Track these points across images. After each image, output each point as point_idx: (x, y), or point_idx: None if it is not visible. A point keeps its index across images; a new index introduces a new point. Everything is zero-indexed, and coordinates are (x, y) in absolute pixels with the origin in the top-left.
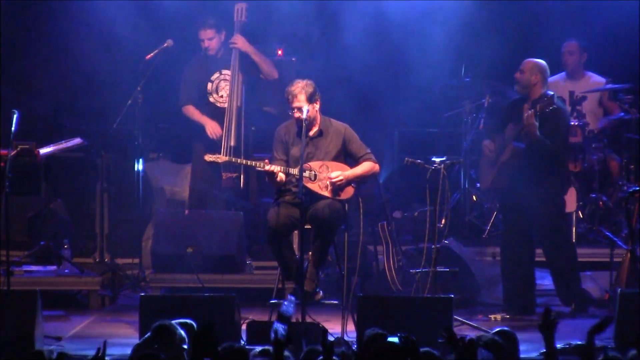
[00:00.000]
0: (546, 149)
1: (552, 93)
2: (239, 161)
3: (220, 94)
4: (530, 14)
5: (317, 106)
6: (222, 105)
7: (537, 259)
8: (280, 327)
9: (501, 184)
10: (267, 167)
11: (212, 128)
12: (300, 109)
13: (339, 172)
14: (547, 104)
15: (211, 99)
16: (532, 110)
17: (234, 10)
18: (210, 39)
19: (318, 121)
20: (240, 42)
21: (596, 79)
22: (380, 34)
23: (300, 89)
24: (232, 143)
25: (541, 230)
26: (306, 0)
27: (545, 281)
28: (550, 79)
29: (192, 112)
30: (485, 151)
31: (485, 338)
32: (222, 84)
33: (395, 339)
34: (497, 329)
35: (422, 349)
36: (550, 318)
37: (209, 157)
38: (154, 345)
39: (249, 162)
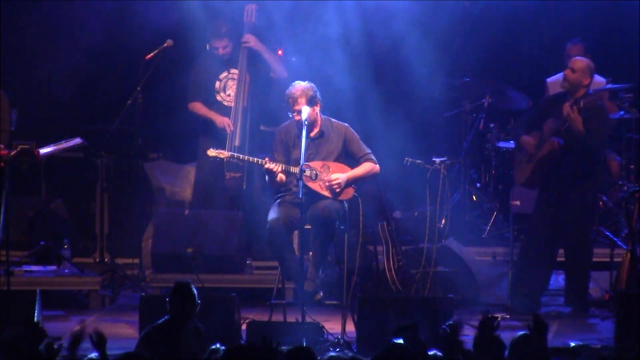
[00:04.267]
0: (589, 146)
1: (590, 91)
2: (240, 157)
3: (227, 92)
4: (531, 13)
5: (317, 108)
6: (228, 104)
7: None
8: None
9: (537, 181)
10: (266, 165)
11: (222, 120)
12: (300, 112)
13: (338, 175)
14: (593, 100)
15: (218, 98)
16: (576, 106)
17: (244, 11)
18: (225, 47)
19: (319, 123)
20: (252, 41)
21: (596, 80)
22: (380, 34)
23: (300, 92)
24: (237, 143)
25: (569, 228)
26: (306, 0)
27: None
28: (551, 79)
29: (200, 108)
30: (525, 146)
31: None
32: (230, 82)
33: (400, 340)
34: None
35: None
36: (540, 322)
37: (211, 152)
38: (172, 302)
39: (251, 159)
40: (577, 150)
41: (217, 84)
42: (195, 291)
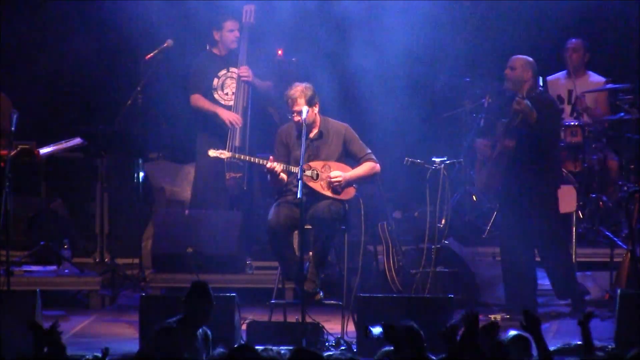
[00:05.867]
0: (541, 136)
1: (541, 88)
2: (242, 157)
3: (225, 91)
4: (531, 13)
5: (316, 109)
6: (226, 103)
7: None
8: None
9: (494, 183)
10: (268, 165)
11: (229, 117)
12: (300, 113)
13: (339, 173)
14: (541, 93)
15: (216, 96)
16: (520, 96)
17: (242, 11)
18: (239, 30)
19: (318, 123)
20: (251, 77)
21: (595, 79)
22: (380, 34)
23: (300, 93)
24: (237, 143)
25: (534, 229)
26: (306, 0)
27: (545, 281)
28: (551, 77)
29: (203, 101)
30: (479, 149)
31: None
32: (229, 81)
33: (379, 329)
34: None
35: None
36: (532, 318)
37: (212, 152)
38: (189, 301)
39: (252, 159)
40: (529, 144)
41: (216, 80)
42: (211, 292)
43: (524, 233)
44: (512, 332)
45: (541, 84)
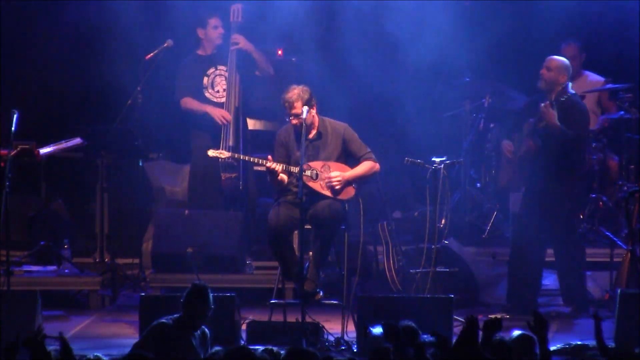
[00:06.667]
0: (568, 138)
1: (572, 92)
2: (241, 157)
3: (215, 89)
4: (530, 13)
5: (313, 111)
6: (218, 100)
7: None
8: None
9: (517, 183)
10: (268, 164)
11: (219, 113)
12: (297, 116)
13: (339, 173)
14: (569, 97)
15: (207, 94)
16: (548, 101)
17: (230, 11)
18: (222, 27)
19: (316, 124)
20: (241, 41)
21: (594, 78)
22: (380, 34)
23: (297, 96)
24: (231, 143)
25: (554, 228)
26: (306, 0)
27: (545, 281)
28: None
29: (192, 103)
30: (504, 152)
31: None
32: (218, 79)
33: (379, 329)
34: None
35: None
36: (540, 319)
37: (212, 152)
38: (187, 302)
39: (251, 159)
40: (555, 147)
41: (205, 79)
42: (210, 295)
43: (540, 235)
44: (517, 332)
45: (570, 87)
